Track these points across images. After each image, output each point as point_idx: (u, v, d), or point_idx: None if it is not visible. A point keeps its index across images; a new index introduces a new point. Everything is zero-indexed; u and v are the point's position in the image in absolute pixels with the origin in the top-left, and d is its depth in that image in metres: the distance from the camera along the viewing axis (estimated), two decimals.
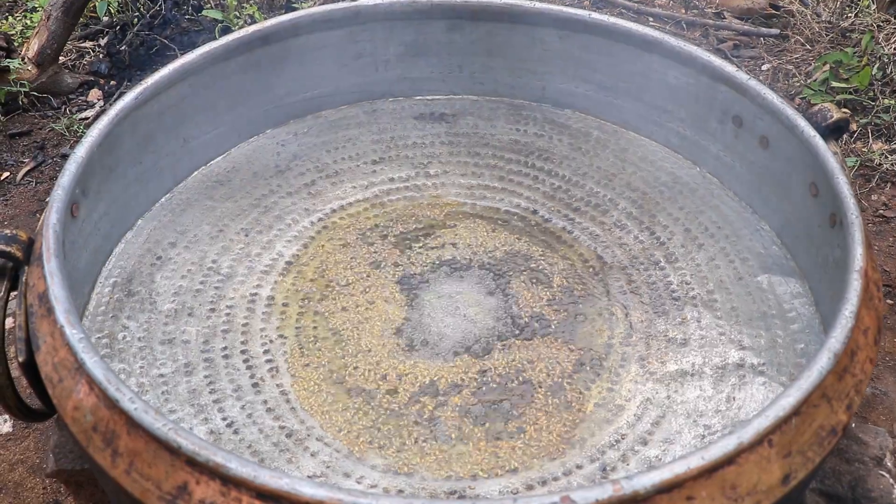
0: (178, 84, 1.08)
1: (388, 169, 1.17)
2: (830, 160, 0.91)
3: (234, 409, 0.88)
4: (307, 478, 0.81)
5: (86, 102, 1.88)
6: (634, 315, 0.97)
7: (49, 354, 0.74)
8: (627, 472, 0.82)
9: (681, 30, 2.10)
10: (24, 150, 1.75)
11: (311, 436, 0.86)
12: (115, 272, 1.02)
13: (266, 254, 1.05)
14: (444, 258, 1.04)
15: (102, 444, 0.67)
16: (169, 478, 0.63)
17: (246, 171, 1.16)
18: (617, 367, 0.92)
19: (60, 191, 0.87)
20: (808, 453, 0.66)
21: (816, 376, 0.68)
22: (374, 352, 0.93)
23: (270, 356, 0.93)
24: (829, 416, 0.68)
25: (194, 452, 0.61)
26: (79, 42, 2.06)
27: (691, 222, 1.08)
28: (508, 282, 1.01)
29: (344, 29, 1.19)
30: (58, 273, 0.77)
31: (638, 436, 0.85)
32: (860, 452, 0.89)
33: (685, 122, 1.15)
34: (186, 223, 1.08)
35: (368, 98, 1.27)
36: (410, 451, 0.84)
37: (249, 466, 0.60)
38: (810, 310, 0.96)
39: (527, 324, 0.96)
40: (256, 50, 1.15)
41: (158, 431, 0.63)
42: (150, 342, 0.94)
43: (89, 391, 0.69)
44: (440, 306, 0.98)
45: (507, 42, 1.22)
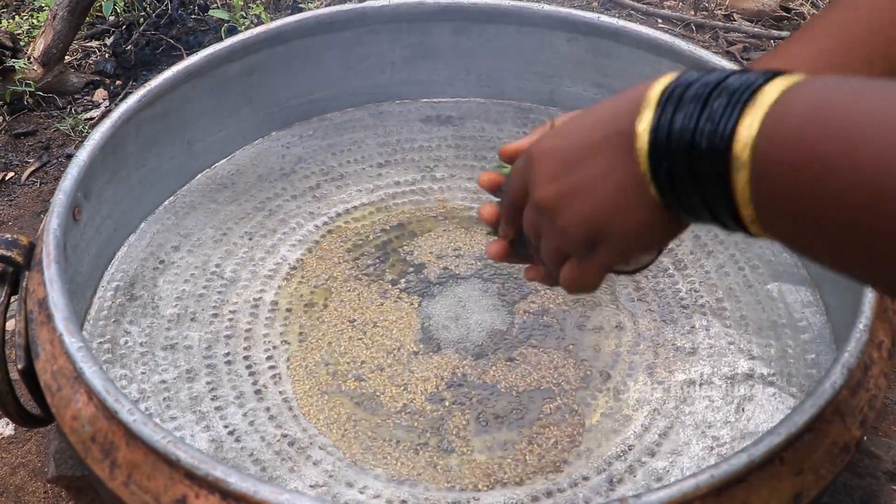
0: (182, 86, 1.07)
1: (394, 172, 1.16)
2: None
3: (237, 417, 0.87)
4: (309, 487, 0.80)
5: (91, 102, 1.88)
6: (642, 323, 0.96)
7: (48, 362, 0.73)
8: (634, 483, 0.81)
9: (690, 32, 2.09)
10: (29, 150, 1.75)
11: (313, 444, 0.84)
12: (118, 276, 1.01)
13: (270, 258, 1.04)
14: (451, 264, 1.03)
15: (101, 455, 0.66)
16: (168, 491, 0.62)
17: (250, 174, 1.15)
18: (624, 377, 0.91)
19: (62, 195, 0.86)
20: (820, 471, 0.64)
21: (829, 392, 0.66)
22: (379, 359, 0.92)
23: (273, 362, 0.92)
24: (842, 432, 0.67)
25: (193, 466, 0.60)
26: (84, 42, 2.05)
27: (700, 228, 1.06)
28: (516, 289, 1.00)
29: (350, 31, 1.18)
30: (58, 279, 0.76)
31: (645, 447, 0.84)
32: (872, 466, 0.87)
33: None
34: (190, 226, 1.07)
35: (374, 101, 1.26)
36: (414, 461, 0.83)
37: (249, 481, 0.59)
38: (821, 319, 0.94)
39: (533, 332, 0.95)
40: (261, 52, 1.14)
41: (157, 444, 0.62)
42: (152, 347, 0.93)
43: (88, 401, 0.68)
44: (446, 313, 0.97)
45: (515, 44, 1.21)
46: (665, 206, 0.47)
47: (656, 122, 0.46)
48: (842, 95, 0.39)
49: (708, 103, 0.44)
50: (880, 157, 0.36)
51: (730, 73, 0.45)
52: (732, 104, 0.43)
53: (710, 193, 0.44)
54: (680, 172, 0.45)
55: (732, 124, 0.42)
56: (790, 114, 0.41)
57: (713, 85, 0.44)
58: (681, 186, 0.45)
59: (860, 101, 0.38)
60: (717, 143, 0.43)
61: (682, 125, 0.44)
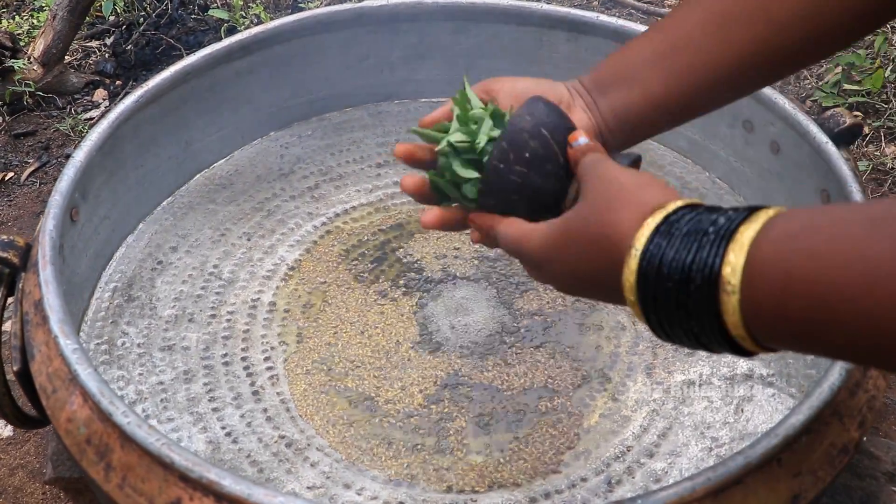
0: (180, 86, 1.07)
1: (393, 172, 1.16)
2: (843, 167, 0.89)
3: (234, 418, 0.87)
4: (307, 489, 0.79)
5: (91, 102, 1.87)
6: (641, 323, 0.95)
7: (43, 364, 0.73)
8: (633, 485, 0.80)
9: None
10: (29, 150, 1.74)
11: (311, 445, 0.84)
12: (116, 277, 1.00)
13: (268, 259, 1.04)
14: (449, 265, 1.02)
15: (96, 457, 0.65)
16: (162, 493, 0.62)
17: (249, 174, 1.15)
18: (623, 377, 0.90)
19: (58, 196, 0.86)
20: (818, 472, 0.64)
21: (828, 393, 0.66)
22: (376, 360, 0.92)
23: (271, 363, 0.92)
24: (841, 433, 0.66)
25: (187, 468, 0.60)
26: (84, 41, 2.05)
27: None
28: (514, 289, 0.99)
29: (348, 30, 1.18)
30: (53, 281, 0.75)
31: (644, 448, 0.84)
32: (872, 467, 0.87)
33: (695, 126, 1.13)
34: (188, 227, 1.07)
35: (373, 100, 1.26)
36: (411, 462, 0.82)
37: (243, 484, 0.58)
38: None
39: (532, 332, 0.94)
40: (260, 52, 1.14)
41: (151, 446, 0.61)
42: (149, 349, 0.93)
43: (83, 403, 0.68)
44: (444, 314, 0.96)
45: (514, 44, 1.20)
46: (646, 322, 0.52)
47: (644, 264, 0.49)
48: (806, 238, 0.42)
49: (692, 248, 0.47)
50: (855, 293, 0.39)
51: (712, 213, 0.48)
52: (718, 241, 0.46)
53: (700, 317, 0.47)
54: (668, 303, 0.48)
55: (722, 255, 0.45)
56: (768, 248, 0.44)
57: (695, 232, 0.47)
58: (665, 312, 0.49)
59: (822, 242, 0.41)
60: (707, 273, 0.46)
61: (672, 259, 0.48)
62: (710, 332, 0.46)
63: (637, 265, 0.49)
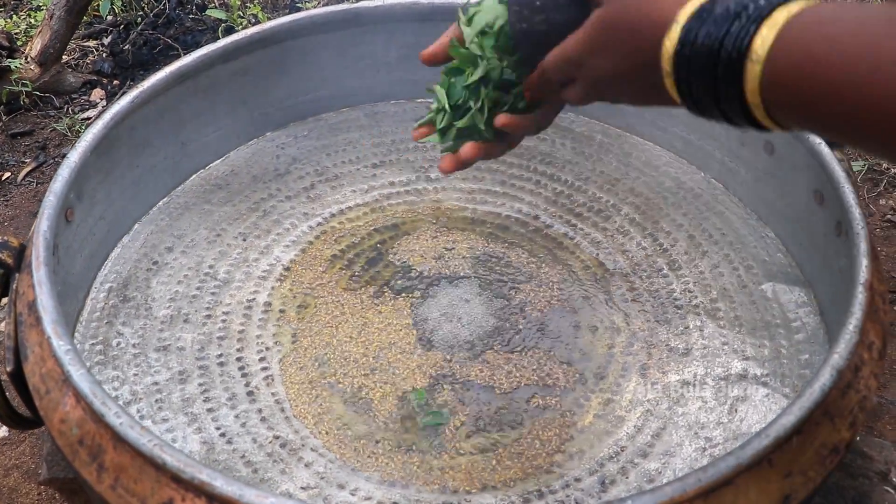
0: (176, 87, 1.07)
1: (389, 173, 1.16)
2: (836, 168, 0.89)
3: (229, 419, 0.87)
4: (301, 489, 0.79)
5: (88, 102, 1.88)
6: (636, 323, 0.96)
7: (37, 365, 0.73)
8: (627, 485, 0.81)
9: None
10: (26, 150, 1.75)
11: (305, 446, 0.84)
12: (111, 277, 1.01)
13: (264, 259, 1.04)
14: (444, 264, 1.03)
15: (88, 458, 0.65)
16: (154, 494, 0.62)
17: (245, 174, 1.15)
18: (617, 377, 0.90)
19: (52, 197, 0.86)
20: (809, 473, 0.64)
21: (819, 393, 0.66)
22: (371, 360, 0.92)
23: (266, 364, 0.92)
24: (832, 433, 0.67)
25: (179, 469, 0.60)
26: (82, 41, 2.05)
27: (695, 229, 1.06)
28: (509, 289, 0.99)
29: (344, 31, 1.18)
30: (47, 282, 0.75)
31: (638, 448, 0.84)
32: (864, 467, 0.87)
33: (690, 126, 1.13)
34: (184, 227, 1.07)
35: (369, 101, 1.26)
36: (406, 462, 0.83)
37: (235, 485, 0.58)
38: (815, 319, 0.94)
39: (526, 332, 0.95)
40: (255, 52, 1.14)
41: (143, 447, 0.62)
42: (144, 349, 0.93)
43: (76, 404, 0.68)
44: (439, 314, 0.97)
45: None
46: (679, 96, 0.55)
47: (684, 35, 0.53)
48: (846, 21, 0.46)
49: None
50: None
51: None
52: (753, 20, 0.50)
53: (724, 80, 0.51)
54: (701, 67, 0.52)
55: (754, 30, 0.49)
56: (802, 27, 0.48)
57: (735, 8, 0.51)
58: (697, 79, 0.52)
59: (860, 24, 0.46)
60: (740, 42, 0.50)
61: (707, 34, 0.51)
62: (731, 99, 0.51)
63: (679, 35, 0.52)
